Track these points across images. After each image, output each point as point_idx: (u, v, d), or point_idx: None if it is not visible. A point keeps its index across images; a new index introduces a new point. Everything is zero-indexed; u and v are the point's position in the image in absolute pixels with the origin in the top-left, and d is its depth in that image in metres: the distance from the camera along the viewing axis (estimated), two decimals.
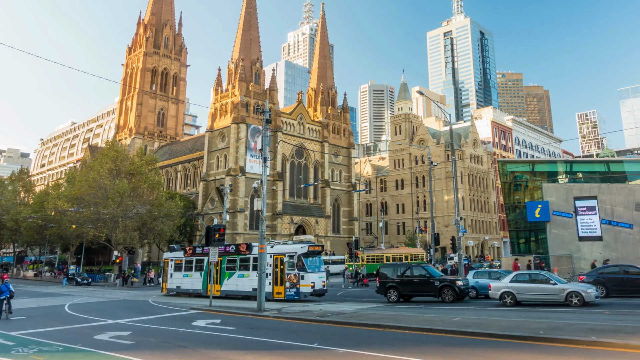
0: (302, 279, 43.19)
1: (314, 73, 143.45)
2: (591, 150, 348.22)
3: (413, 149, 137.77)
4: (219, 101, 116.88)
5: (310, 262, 44.51)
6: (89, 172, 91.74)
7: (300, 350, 19.99)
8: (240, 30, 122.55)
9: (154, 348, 21.87)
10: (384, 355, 18.19)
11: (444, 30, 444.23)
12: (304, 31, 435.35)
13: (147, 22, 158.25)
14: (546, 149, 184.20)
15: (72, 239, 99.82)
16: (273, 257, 44.56)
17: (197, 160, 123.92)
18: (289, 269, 43.71)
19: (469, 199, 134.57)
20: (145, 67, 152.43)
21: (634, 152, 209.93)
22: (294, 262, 43.75)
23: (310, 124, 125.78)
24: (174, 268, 55.61)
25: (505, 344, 19.89)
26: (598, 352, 17.71)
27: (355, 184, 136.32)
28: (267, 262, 42.52)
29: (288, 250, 44.88)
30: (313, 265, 44.77)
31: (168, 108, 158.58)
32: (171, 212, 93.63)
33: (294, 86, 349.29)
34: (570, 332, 20.90)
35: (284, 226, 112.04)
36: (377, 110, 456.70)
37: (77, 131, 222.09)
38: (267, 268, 43.03)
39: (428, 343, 20.91)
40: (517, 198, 68.07)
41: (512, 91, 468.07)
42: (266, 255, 42.04)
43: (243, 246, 48.36)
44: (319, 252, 47.10)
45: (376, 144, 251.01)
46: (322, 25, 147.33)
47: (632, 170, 64.04)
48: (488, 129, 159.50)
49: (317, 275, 44.49)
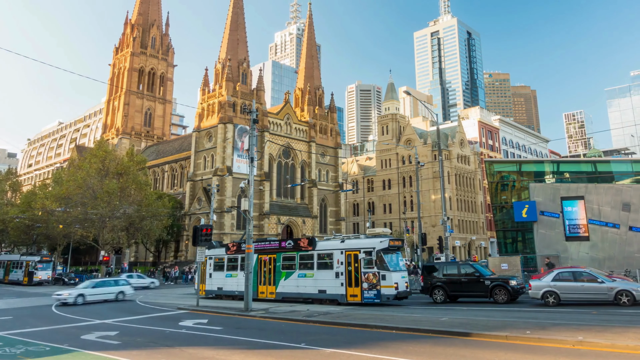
0: (383, 279, 37.14)
1: (301, 73, 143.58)
2: (578, 150, 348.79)
3: (400, 149, 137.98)
4: (206, 101, 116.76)
5: (391, 259, 38.73)
6: (77, 172, 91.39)
7: (287, 350, 20.03)
8: (227, 30, 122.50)
9: (141, 348, 21.96)
10: (371, 355, 18.28)
11: (431, 30, 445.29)
12: (291, 31, 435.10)
13: (134, 22, 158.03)
14: (533, 149, 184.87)
15: (59, 239, 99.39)
16: (345, 254, 39.39)
17: (184, 160, 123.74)
18: (365, 267, 37.96)
19: (456, 199, 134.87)
20: (133, 67, 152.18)
21: (621, 152, 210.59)
22: (372, 259, 37.87)
23: (297, 124, 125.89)
24: (213, 267, 50.66)
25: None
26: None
27: (343, 184, 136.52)
28: (336, 259, 39.78)
29: (364, 245, 39.00)
30: (394, 262, 38.91)
31: (155, 108, 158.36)
32: (159, 212, 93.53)
33: (281, 86, 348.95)
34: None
35: (271, 226, 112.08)
36: (364, 111, 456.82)
37: (64, 131, 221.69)
38: (338, 266, 39.60)
39: (416, 343, 20.83)
40: (504, 198, 67.85)
41: (499, 91, 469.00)
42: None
43: (304, 241, 43.57)
44: (399, 248, 41.22)
45: (363, 144, 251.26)
46: (309, 25, 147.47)
47: (619, 170, 63.82)
48: (475, 129, 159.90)
49: (399, 274, 38.54)
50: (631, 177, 60.37)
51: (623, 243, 52.10)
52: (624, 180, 59.83)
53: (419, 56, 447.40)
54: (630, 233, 51.86)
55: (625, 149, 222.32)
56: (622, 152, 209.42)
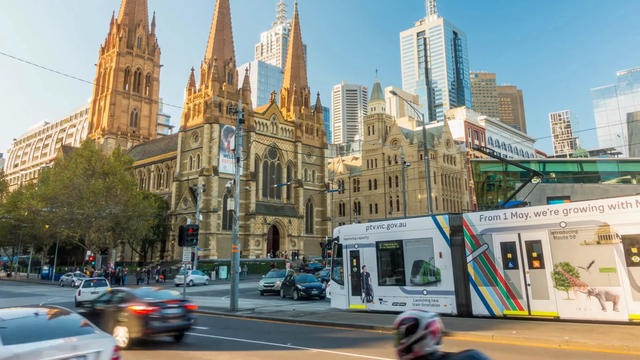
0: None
1: (287, 73, 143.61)
2: (564, 150, 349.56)
3: (386, 149, 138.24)
4: (192, 101, 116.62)
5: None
6: (63, 172, 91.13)
7: (273, 350, 20.10)
8: (214, 31, 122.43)
9: (126, 348, 21.77)
10: (357, 355, 18.34)
11: (417, 30, 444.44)
12: (277, 31, 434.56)
13: (120, 22, 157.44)
14: (519, 149, 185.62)
15: (45, 239, 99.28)
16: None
17: (170, 160, 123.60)
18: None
19: (442, 198, 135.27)
20: (119, 67, 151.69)
21: (607, 152, 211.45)
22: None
23: (283, 124, 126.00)
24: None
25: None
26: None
27: (329, 184, 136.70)
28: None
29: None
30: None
31: (141, 108, 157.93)
32: (145, 212, 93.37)
33: (267, 86, 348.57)
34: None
35: (257, 226, 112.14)
36: (350, 110, 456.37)
37: (50, 131, 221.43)
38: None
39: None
40: (490, 198, 67.43)
41: (485, 91, 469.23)
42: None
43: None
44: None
45: (349, 144, 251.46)
46: (295, 25, 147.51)
47: (605, 170, 63.62)
48: (461, 128, 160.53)
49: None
50: (617, 177, 60.23)
51: None
52: (610, 180, 59.72)
53: (405, 56, 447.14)
54: None
55: (611, 149, 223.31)
56: (608, 152, 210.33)
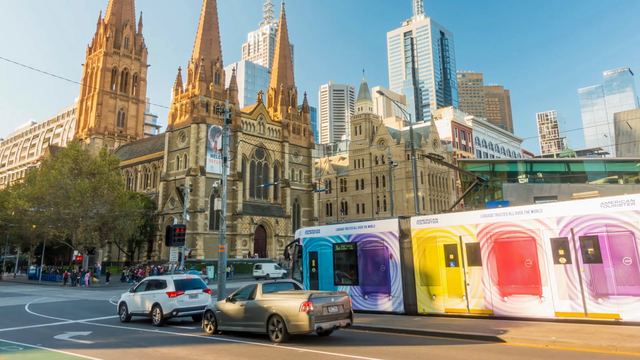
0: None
1: (274, 73, 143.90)
2: (551, 150, 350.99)
3: (373, 149, 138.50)
4: (179, 101, 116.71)
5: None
6: (49, 172, 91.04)
7: (260, 349, 20.17)
8: (201, 30, 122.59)
9: (114, 348, 21.95)
10: (344, 355, 18.49)
11: (404, 30, 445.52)
12: (264, 31, 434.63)
13: (107, 22, 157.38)
14: (506, 149, 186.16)
15: (32, 238, 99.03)
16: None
17: (157, 160, 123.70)
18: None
19: (429, 198, 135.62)
20: (106, 67, 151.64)
21: (594, 152, 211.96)
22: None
23: (270, 124, 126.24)
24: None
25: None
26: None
27: (316, 184, 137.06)
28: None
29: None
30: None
31: (128, 108, 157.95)
32: (132, 212, 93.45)
33: (254, 86, 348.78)
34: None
35: (244, 226, 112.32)
36: (338, 110, 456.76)
37: (37, 131, 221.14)
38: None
39: (389, 343, 20.81)
40: (477, 198, 67.55)
41: (473, 91, 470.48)
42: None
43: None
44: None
45: (336, 144, 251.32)
46: (282, 25, 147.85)
47: (592, 170, 63.48)
48: (448, 128, 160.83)
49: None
50: (604, 177, 60.43)
51: None
52: (597, 180, 59.71)
53: (392, 56, 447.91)
54: None
55: (598, 149, 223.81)
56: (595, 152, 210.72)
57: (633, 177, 60.27)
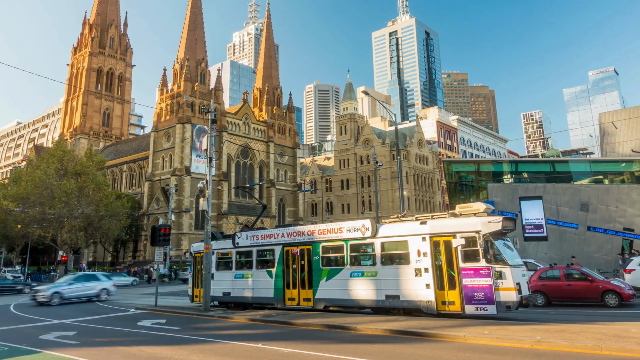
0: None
1: (259, 73, 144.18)
2: (537, 150, 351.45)
3: (358, 149, 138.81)
4: (165, 101, 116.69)
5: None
6: (35, 172, 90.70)
7: (245, 350, 20.10)
8: (186, 30, 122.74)
9: (99, 347, 22.06)
10: (330, 355, 18.37)
11: (390, 30, 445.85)
12: (250, 31, 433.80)
13: (92, 22, 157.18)
14: (491, 149, 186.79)
15: (17, 239, 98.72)
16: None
17: (143, 160, 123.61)
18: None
19: (415, 198, 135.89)
20: (91, 67, 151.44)
21: (580, 152, 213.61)
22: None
23: (255, 124, 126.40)
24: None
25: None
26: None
27: (301, 184, 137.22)
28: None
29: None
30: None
31: (113, 108, 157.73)
32: (117, 212, 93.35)
33: (239, 86, 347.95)
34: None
35: (230, 226, 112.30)
36: (323, 110, 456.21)
37: (22, 131, 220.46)
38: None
39: (376, 342, 20.62)
40: (463, 198, 66.82)
41: (458, 91, 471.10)
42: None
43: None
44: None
45: (322, 144, 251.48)
46: (268, 25, 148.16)
47: (577, 170, 63.28)
48: (433, 129, 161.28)
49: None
50: (589, 177, 60.78)
51: (582, 243, 52.46)
52: (582, 180, 59.69)
53: (378, 56, 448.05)
54: (588, 233, 52.72)
55: (583, 149, 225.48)
56: (580, 152, 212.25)
57: (618, 177, 60.38)
